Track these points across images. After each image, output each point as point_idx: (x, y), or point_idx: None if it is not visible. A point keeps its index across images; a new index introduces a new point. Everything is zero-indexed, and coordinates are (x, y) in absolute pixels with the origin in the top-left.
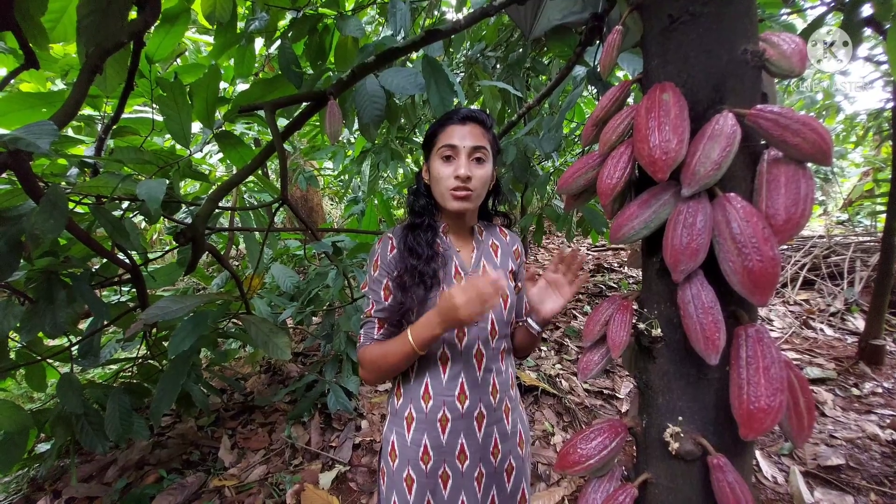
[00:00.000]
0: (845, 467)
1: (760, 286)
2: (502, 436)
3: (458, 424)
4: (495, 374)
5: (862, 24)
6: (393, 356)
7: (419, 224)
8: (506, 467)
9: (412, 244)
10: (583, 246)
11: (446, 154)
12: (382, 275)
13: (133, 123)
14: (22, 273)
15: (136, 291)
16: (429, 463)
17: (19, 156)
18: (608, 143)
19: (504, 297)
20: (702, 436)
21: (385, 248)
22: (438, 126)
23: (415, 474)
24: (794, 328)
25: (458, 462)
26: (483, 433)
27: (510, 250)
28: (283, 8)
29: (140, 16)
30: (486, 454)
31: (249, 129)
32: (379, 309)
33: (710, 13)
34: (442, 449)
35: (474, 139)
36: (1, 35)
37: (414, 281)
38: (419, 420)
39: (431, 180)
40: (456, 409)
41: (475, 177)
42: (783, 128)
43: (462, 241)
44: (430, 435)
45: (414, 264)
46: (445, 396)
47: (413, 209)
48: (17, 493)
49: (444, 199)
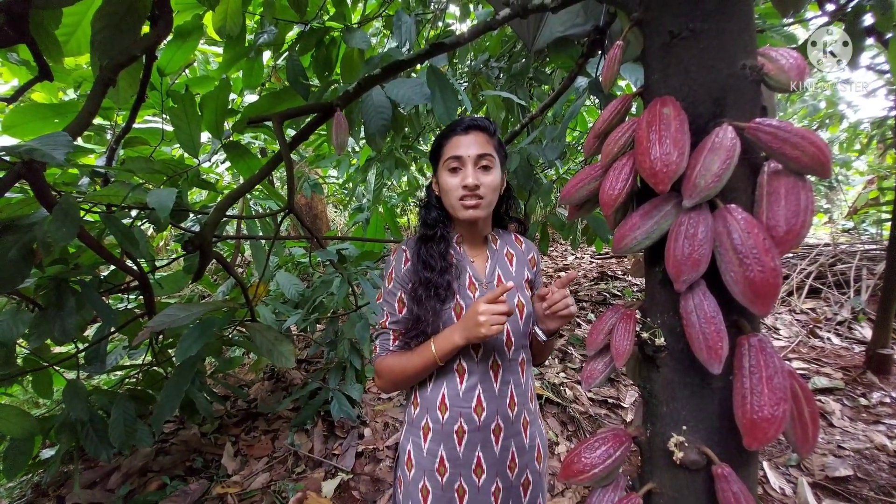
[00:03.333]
0: (853, 478)
1: (762, 296)
2: (520, 450)
3: (474, 437)
4: (513, 386)
5: (863, 33)
6: (413, 367)
7: (432, 236)
8: (522, 482)
9: (425, 257)
10: (587, 254)
11: (452, 166)
12: (397, 287)
13: (143, 134)
14: (32, 280)
15: (143, 298)
16: (445, 475)
17: (33, 166)
18: (610, 155)
19: (520, 308)
20: (706, 445)
21: (399, 260)
22: (443, 138)
23: (430, 486)
24: (801, 337)
25: (475, 476)
26: (500, 446)
27: (525, 258)
28: (291, 21)
29: (153, 30)
30: (503, 468)
31: (256, 139)
32: (393, 321)
33: (710, 29)
34: (458, 461)
35: (479, 147)
36: (14, 47)
37: (428, 293)
38: (435, 431)
39: (441, 192)
40: (473, 420)
41: (483, 184)
42: (782, 141)
43: (476, 250)
44: (446, 446)
45: (428, 277)
46: (462, 408)
47: (425, 222)
48: (21, 498)
49: (454, 209)
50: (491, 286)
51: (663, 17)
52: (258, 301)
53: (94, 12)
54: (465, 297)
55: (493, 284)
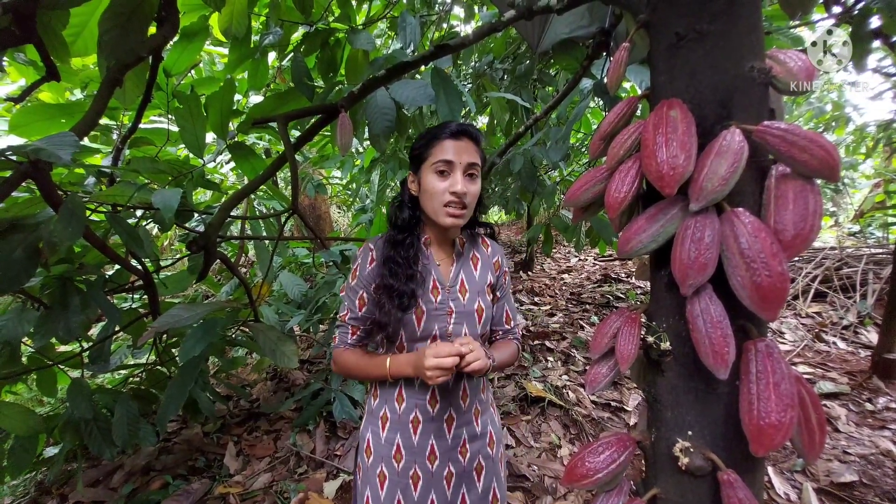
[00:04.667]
0: (858, 484)
1: (769, 301)
2: (471, 437)
3: (428, 426)
4: (466, 380)
5: (870, 36)
6: (366, 374)
7: (401, 241)
8: (475, 466)
9: (392, 264)
10: (590, 256)
11: (441, 169)
12: (360, 286)
13: (149, 134)
14: (38, 279)
15: (147, 298)
16: (401, 462)
17: (40, 165)
18: (616, 158)
19: (479, 312)
20: (711, 451)
21: (365, 259)
22: (431, 139)
23: (387, 471)
24: (807, 341)
25: (428, 462)
26: (452, 434)
27: (490, 262)
28: (297, 23)
29: (159, 31)
30: (455, 454)
31: (260, 140)
32: (353, 317)
33: (716, 31)
34: (413, 449)
35: (469, 155)
36: (21, 47)
37: (391, 301)
38: (393, 420)
39: (422, 193)
40: (427, 411)
41: (469, 193)
42: (791, 144)
43: (443, 253)
44: (402, 435)
45: (392, 284)
46: (418, 399)
47: (395, 223)
48: (25, 496)
49: (436, 214)
50: (454, 290)
51: (670, 18)
52: (261, 301)
53: (100, 13)
54: (427, 301)
55: (455, 289)
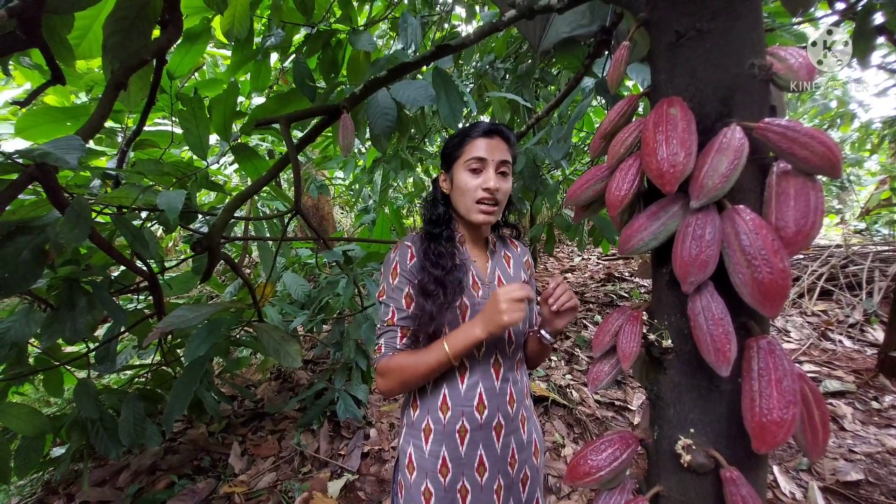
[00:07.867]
0: (864, 482)
1: (771, 298)
2: (519, 446)
3: (476, 435)
4: (512, 384)
5: (874, 32)
6: (427, 365)
7: (438, 234)
8: (521, 478)
9: (435, 254)
10: (593, 255)
11: (474, 166)
12: (403, 282)
13: (153, 136)
14: (44, 280)
15: (152, 299)
16: (447, 476)
17: (46, 168)
18: (617, 156)
19: None
20: (714, 448)
21: (404, 255)
22: (465, 137)
23: (433, 488)
24: (812, 339)
25: (477, 475)
26: (501, 444)
27: (521, 261)
28: (298, 24)
29: (163, 34)
30: (505, 465)
31: (263, 141)
32: (402, 317)
33: (717, 29)
34: (461, 461)
35: (501, 153)
36: (26, 51)
37: (439, 290)
38: (437, 431)
39: (454, 191)
40: (475, 419)
41: (501, 190)
42: (791, 141)
43: (478, 251)
44: (448, 447)
45: (438, 274)
46: (464, 407)
47: (431, 218)
48: (32, 496)
49: (468, 211)
50: (493, 286)
51: (670, 16)
52: (265, 302)
53: (105, 16)
54: (470, 296)
55: (494, 285)
